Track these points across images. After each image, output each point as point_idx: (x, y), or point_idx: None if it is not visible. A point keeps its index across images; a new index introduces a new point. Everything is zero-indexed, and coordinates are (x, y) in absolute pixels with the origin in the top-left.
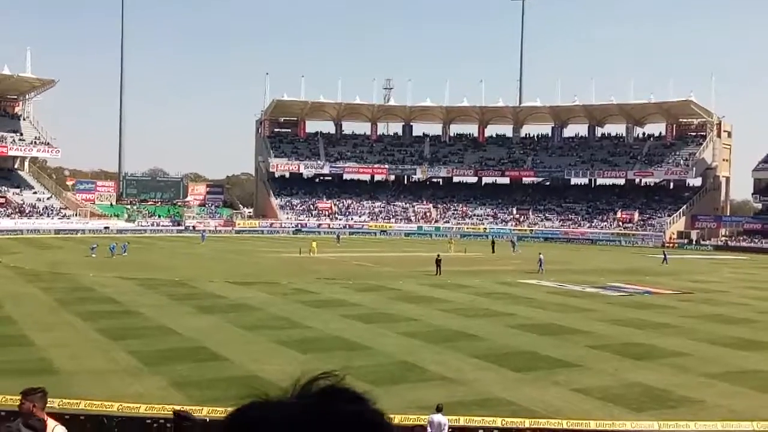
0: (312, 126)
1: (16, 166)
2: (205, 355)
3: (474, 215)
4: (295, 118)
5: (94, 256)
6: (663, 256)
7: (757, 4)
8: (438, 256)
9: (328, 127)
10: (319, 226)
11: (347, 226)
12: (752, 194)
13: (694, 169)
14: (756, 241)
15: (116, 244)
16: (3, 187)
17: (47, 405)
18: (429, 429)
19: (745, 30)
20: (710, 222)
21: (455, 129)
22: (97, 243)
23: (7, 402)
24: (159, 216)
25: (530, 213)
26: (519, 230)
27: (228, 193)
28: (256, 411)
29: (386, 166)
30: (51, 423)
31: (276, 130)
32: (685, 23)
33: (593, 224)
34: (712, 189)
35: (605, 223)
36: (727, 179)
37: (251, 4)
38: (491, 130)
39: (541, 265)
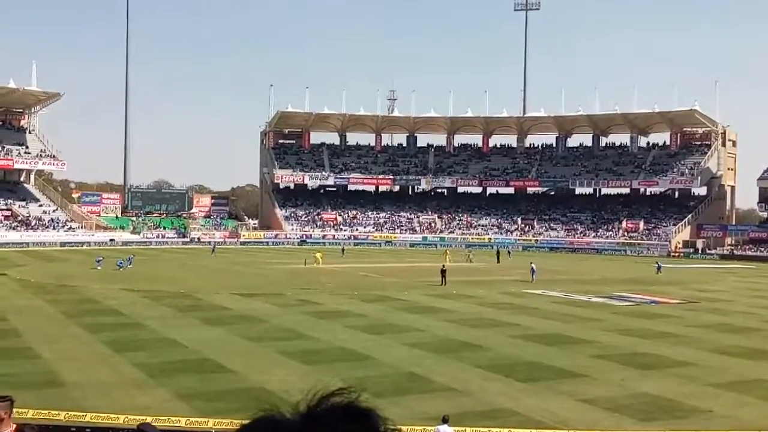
0: (316, 137)
1: (21, 179)
2: (210, 366)
3: (479, 225)
4: (300, 130)
5: (99, 268)
6: (657, 266)
7: (761, 12)
8: (443, 266)
9: (333, 138)
10: (324, 237)
11: (352, 237)
12: (758, 203)
13: (699, 178)
14: (762, 249)
15: (123, 260)
16: (9, 200)
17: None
18: None
19: (749, 38)
20: (716, 231)
21: (459, 139)
22: (102, 255)
23: (14, 415)
24: (164, 228)
25: (535, 223)
26: (524, 240)
27: (233, 205)
28: (261, 429)
29: (391, 176)
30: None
31: (280, 141)
32: (689, 32)
33: (598, 234)
34: (717, 198)
35: (610, 233)
36: (733, 188)
37: (255, 16)
38: (495, 140)
39: (533, 274)
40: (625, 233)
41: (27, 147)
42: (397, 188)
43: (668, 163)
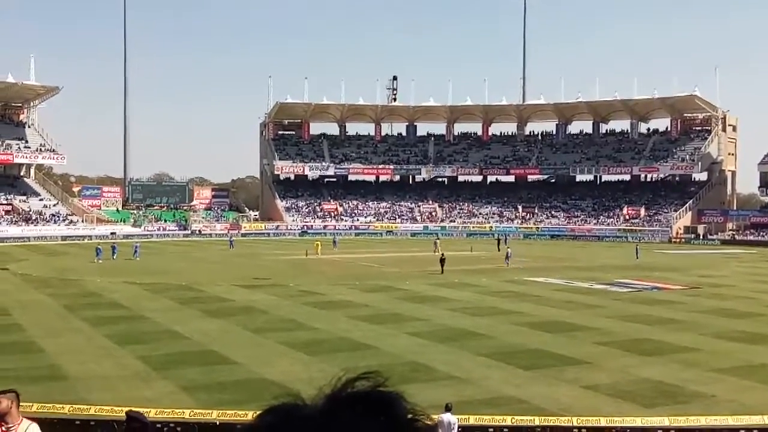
0: (316, 128)
1: (22, 174)
2: (213, 358)
3: (480, 214)
4: (299, 120)
5: (100, 261)
6: (635, 251)
7: None
8: (442, 255)
9: (332, 129)
10: (325, 227)
11: (353, 227)
12: (759, 188)
13: (700, 163)
14: (763, 234)
15: (117, 246)
16: (9, 195)
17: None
18: (438, 429)
19: (748, 22)
20: (717, 216)
21: (459, 128)
22: (101, 246)
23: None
24: (165, 220)
25: (536, 210)
26: (525, 228)
27: (233, 197)
28: (278, 418)
29: (391, 166)
30: (25, 422)
31: (280, 132)
32: (688, 17)
33: (599, 221)
34: (718, 183)
35: (611, 220)
36: (733, 173)
37: (253, 7)
38: (495, 129)
39: (507, 258)
40: (626, 220)
41: (26, 141)
42: (397, 178)
43: (668, 149)
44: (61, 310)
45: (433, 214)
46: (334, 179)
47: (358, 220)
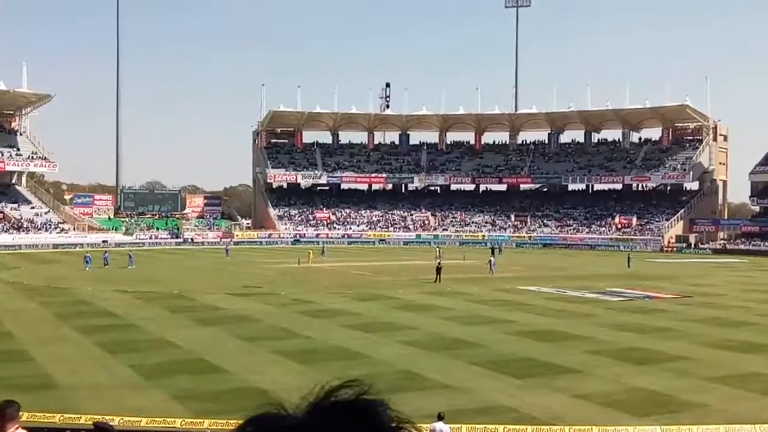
0: (309, 136)
1: (13, 181)
2: (204, 367)
3: (472, 223)
4: (292, 129)
5: (89, 268)
6: (627, 260)
7: (752, 6)
8: (438, 263)
9: (325, 137)
10: (317, 236)
11: (346, 236)
12: (749, 197)
13: (691, 173)
14: (754, 243)
15: (109, 254)
16: (1, 203)
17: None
18: None
19: (740, 31)
20: (708, 225)
21: (452, 137)
22: (90, 255)
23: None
24: (157, 229)
25: (528, 219)
26: (517, 237)
27: (226, 205)
28: (258, 428)
29: (384, 175)
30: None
31: (273, 140)
32: (680, 27)
33: (591, 230)
34: (709, 192)
35: (603, 229)
36: (725, 182)
37: (246, 15)
38: (488, 138)
39: (492, 266)
40: (618, 229)
41: (18, 149)
42: (390, 186)
43: (660, 158)
44: (53, 318)
45: (426, 222)
46: (327, 188)
47: (350, 228)
